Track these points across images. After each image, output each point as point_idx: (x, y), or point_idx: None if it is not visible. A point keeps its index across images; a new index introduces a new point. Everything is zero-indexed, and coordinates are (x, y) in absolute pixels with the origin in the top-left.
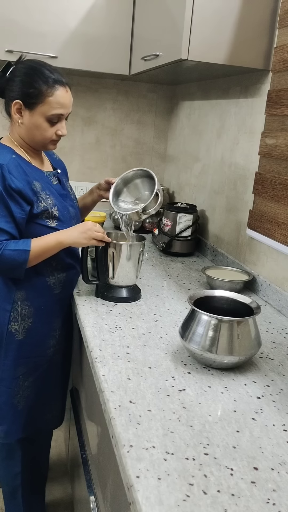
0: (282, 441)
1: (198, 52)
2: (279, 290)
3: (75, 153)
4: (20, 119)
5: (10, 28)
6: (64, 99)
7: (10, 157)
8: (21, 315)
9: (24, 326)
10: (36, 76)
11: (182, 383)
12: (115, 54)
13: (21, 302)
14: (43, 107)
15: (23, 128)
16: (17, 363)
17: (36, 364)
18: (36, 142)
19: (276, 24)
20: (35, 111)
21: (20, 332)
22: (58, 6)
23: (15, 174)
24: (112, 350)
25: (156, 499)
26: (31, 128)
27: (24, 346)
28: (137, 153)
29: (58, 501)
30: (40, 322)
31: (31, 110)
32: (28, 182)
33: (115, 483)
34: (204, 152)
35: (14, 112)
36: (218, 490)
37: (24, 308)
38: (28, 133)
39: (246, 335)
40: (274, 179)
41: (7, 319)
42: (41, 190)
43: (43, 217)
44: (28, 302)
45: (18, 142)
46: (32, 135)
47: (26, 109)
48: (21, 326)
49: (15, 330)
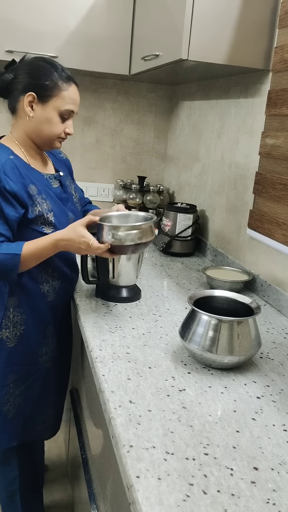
0: (282, 441)
1: (198, 52)
2: (279, 290)
3: (75, 153)
4: (31, 112)
5: (10, 28)
6: (77, 96)
7: (7, 158)
8: (13, 322)
9: (16, 333)
10: (52, 69)
11: (182, 383)
12: (115, 54)
13: (13, 309)
14: (57, 101)
15: (33, 122)
16: (8, 371)
17: (28, 372)
18: (43, 138)
19: (276, 24)
20: (48, 105)
21: (11, 339)
22: (58, 6)
23: (11, 176)
24: (112, 350)
25: (156, 499)
26: (41, 122)
27: (15, 354)
28: (137, 153)
29: (58, 501)
30: (32, 330)
31: (44, 103)
32: (24, 185)
33: (115, 483)
34: (204, 152)
35: (26, 104)
36: (218, 490)
37: (16, 315)
38: (37, 127)
39: (246, 335)
40: (274, 179)
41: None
42: (37, 194)
43: (38, 222)
44: (21, 309)
45: (21, 141)
46: (41, 130)
47: (39, 102)
48: (12, 333)
49: (6, 337)
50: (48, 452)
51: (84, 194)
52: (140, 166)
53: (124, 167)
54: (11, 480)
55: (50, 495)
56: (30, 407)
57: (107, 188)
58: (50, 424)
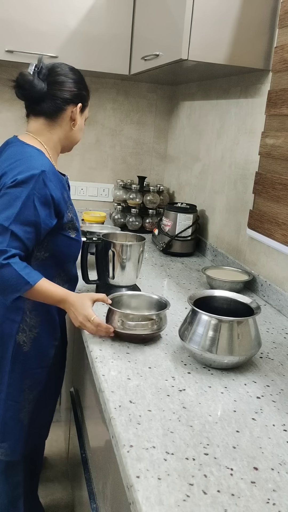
0: (282, 441)
1: (198, 52)
2: (279, 290)
3: (75, 153)
4: (75, 122)
5: (10, 28)
6: None
7: (49, 163)
8: (29, 326)
9: (31, 336)
10: (84, 80)
11: (182, 383)
12: (115, 53)
13: (29, 312)
14: (87, 110)
15: (74, 131)
16: (24, 376)
17: (40, 376)
18: (73, 144)
19: (276, 24)
20: (83, 114)
21: (27, 343)
22: (58, 5)
23: (54, 182)
24: (112, 350)
25: (156, 499)
26: (79, 130)
27: (30, 358)
28: (137, 153)
29: (58, 500)
30: (44, 333)
31: (82, 113)
32: (61, 192)
33: (115, 483)
34: (204, 152)
35: (77, 114)
36: (218, 490)
37: (32, 318)
38: (75, 135)
39: (246, 335)
40: (274, 179)
41: (15, 330)
42: (68, 199)
43: (67, 227)
44: (36, 312)
45: (51, 145)
46: (76, 137)
47: (80, 112)
48: (28, 337)
49: (23, 342)
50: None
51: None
52: (140, 166)
53: (124, 167)
54: (15, 484)
55: (50, 495)
56: (40, 412)
57: (107, 188)
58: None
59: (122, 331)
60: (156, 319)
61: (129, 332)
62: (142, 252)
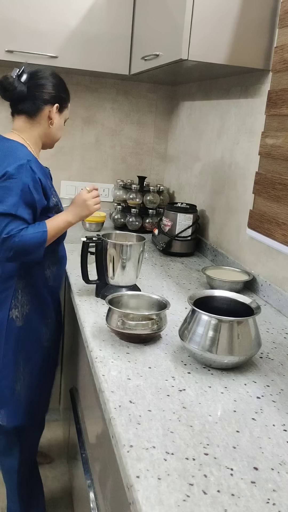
0: (282, 441)
1: (198, 52)
2: (279, 290)
3: (74, 153)
4: (52, 120)
5: (10, 27)
6: None
7: (31, 154)
8: (20, 302)
9: (23, 313)
10: (64, 84)
11: (182, 383)
12: (115, 53)
13: (21, 290)
14: (66, 111)
15: (52, 128)
16: (18, 349)
17: (32, 351)
18: (53, 141)
19: (276, 24)
20: (62, 114)
21: (20, 318)
22: (58, 5)
23: (38, 169)
24: (112, 350)
25: (156, 499)
26: (57, 129)
27: (23, 332)
28: (137, 153)
29: (58, 500)
30: (35, 310)
31: (60, 113)
32: (45, 179)
33: (115, 483)
34: (204, 152)
35: (53, 113)
36: (218, 490)
37: (23, 295)
38: (53, 133)
39: (246, 335)
40: (274, 179)
41: (9, 306)
42: (52, 186)
43: (53, 211)
44: (27, 290)
45: (33, 142)
46: (55, 135)
47: (57, 112)
48: (20, 312)
49: (15, 317)
50: (48, 451)
51: None
52: (140, 166)
53: (124, 167)
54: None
55: (50, 494)
56: (35, 385)
57: (107, 188)
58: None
59: (122, 331)
60: (156, 319)
61: (129, 332)
62: (142, 252)
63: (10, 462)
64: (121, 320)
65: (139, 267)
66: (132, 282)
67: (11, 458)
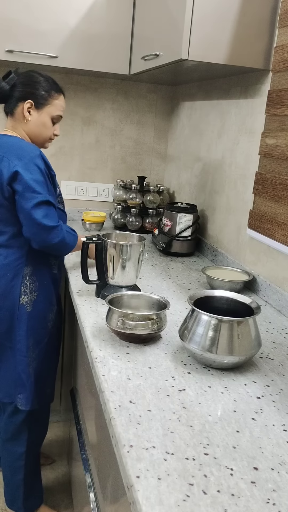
0: (282, 441)
1: (198, 52)
2: (279, 290)
3: (74, 153)
4: (29, 117)
5: (10, 27)
6: (64, 103)
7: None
8: (29, 288)
9: (32, 299)
10: (47, 82)
11: (182, 383)
12: (115, 53)
13: (29, 277)
14: (50, 108)
15: (30, 125)
16: (28, 334)
17: (41, 336)
18: (39, 138)
19: (276, 24)
20: (43, 111)
21: (29, 304)
22: (58, 5)
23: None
24: (112, 350)
25: (156, 499)
26: (38, 125)
27: (32, 318)
28: (137, 153)
29: (58, 500)
30: (43, 296)
31: (39, 110)
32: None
33: (115, 483)
34: (204, 152)
35: (25, 110)
36: (218, 490)
37: (31, 282)
38: (35, 130)
39: (246, 335)
40: (274, 179)
41: (18, 293)
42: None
43: (58, 201)
44: (34, 277)
45: (23, 137)
46: (39, 132)
47: (35, 109)
48: (30, 298)
49: (25, 303)
50: (49, 452)
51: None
52: (140, 166)
53: (124, 167)
54: (18, 456)
55: (50, 494)
56: (43, 370)
57: (107, 188)
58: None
59: (122, 331)
60: (156, 319)
61: (129, 332)
62: (142, 252)
63: (18, 449)
64: (121, 320)
65: (139, 267)
66: (132, 282)
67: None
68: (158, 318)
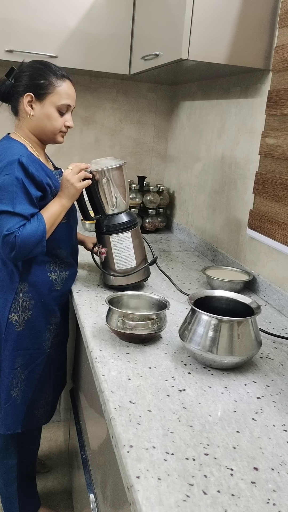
0: (282, 441)
1: (198, 51)
2: (279, 290)
3: (74, 153)
4: (31, 111)
5: (10, 27)
6: (72, 90)
7: (26, 151)
8: (21, 307)
9: (24, 317)
10: (46, 68)
11: (182, 383)
12: (115, 53)
13: (22, 294)
14: (53, 97)
15: (34, 120)
16: (16, 354)
17: (32, 357)
18: (46, 133)
19: (276, 24)
20: (46, 102)
21: (19, 323)
22: (58, 5)
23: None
24: (112, 350)
25: (156, 499)
26: (42, 119)
27: (22, 338)
28: (137, 153)
29: (58, 501)
30: (38, 315)
31: (41, 101)
32: (43, 176)
33: (115, 483)
34: (204, 152)
35: (25, 104)
36: (218, 490)
37: (25, 300)
38: (39, 124)
39: (246, 335)
40: (275, 179)
41: (8, 310)
42: (52, 185)
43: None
44: (29, 295)
45: (27, 139)
46: (44, 126)
47: (37, 101)
48: (21, 317)
49: (15, 321)
50: (48, 452)
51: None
52: (140, 166)
53: None
54: (9, 467)
55: (50, 495)
56: (32, 392)
57: None
58: (47, 409)
59: (122, 331)
60: (156, 319)
61: (129, 332)
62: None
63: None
64: (121, 320)
65: (126, 190)
66: (126, 207)
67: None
68: (158, 318)
